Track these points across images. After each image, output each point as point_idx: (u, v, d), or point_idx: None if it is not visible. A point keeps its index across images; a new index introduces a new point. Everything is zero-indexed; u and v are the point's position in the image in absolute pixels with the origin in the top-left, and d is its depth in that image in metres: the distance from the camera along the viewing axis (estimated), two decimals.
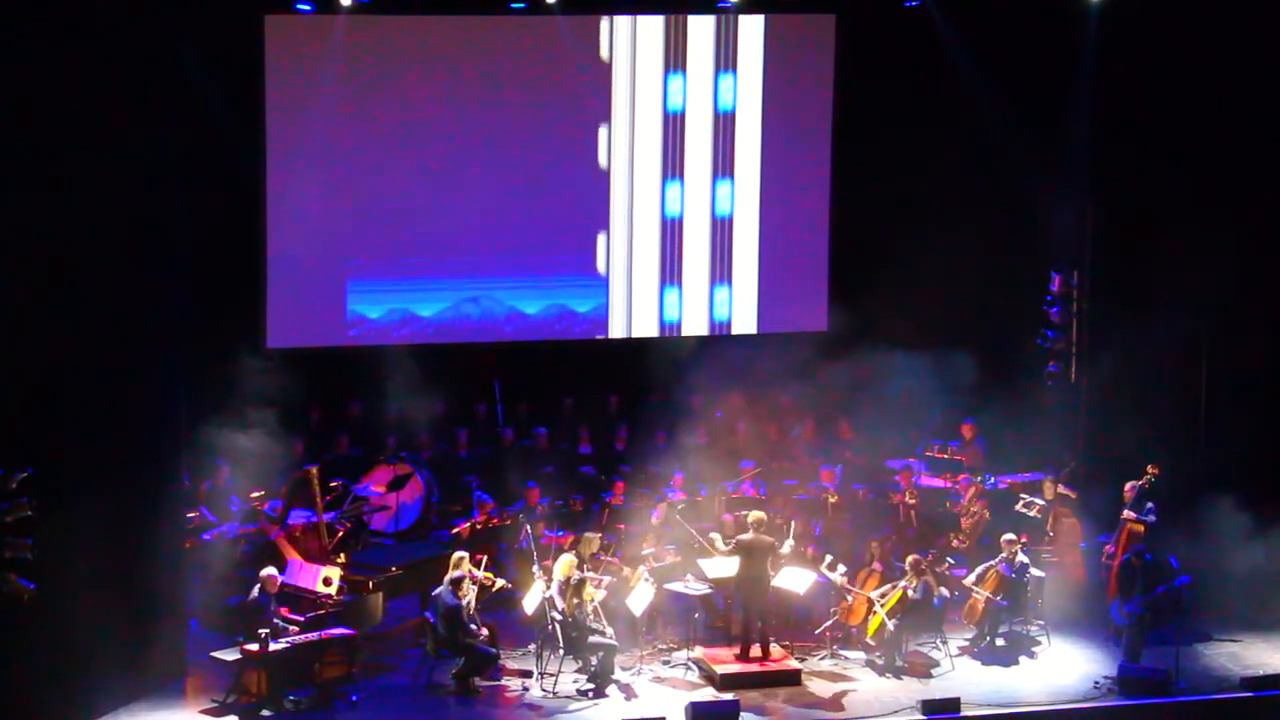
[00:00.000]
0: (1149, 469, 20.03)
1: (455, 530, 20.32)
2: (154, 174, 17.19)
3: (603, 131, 23.26)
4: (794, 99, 23.82)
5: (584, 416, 23.68)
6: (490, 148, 22.92)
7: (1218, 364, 21.81)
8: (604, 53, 23.13)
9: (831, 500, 21.50)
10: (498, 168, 22.97)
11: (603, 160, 23.29)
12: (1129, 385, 21.75)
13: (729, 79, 23.52)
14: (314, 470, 19.43)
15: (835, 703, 17.85)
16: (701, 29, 23.40)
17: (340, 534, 19.65)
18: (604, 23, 23.06)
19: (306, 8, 21.55)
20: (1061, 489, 20.73)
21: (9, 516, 15.40)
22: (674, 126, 23.49)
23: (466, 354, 23.22)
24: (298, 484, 19.80)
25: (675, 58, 23.35)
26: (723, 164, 23.78)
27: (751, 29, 23.48)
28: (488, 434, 23.23)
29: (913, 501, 21.66)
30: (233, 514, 20.35)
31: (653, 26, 23.22)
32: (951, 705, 17.42)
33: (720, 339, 23.90)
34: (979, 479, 21.61)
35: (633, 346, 23.35)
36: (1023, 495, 20.86)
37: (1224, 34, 20.87)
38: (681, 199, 23.70)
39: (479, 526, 20.21)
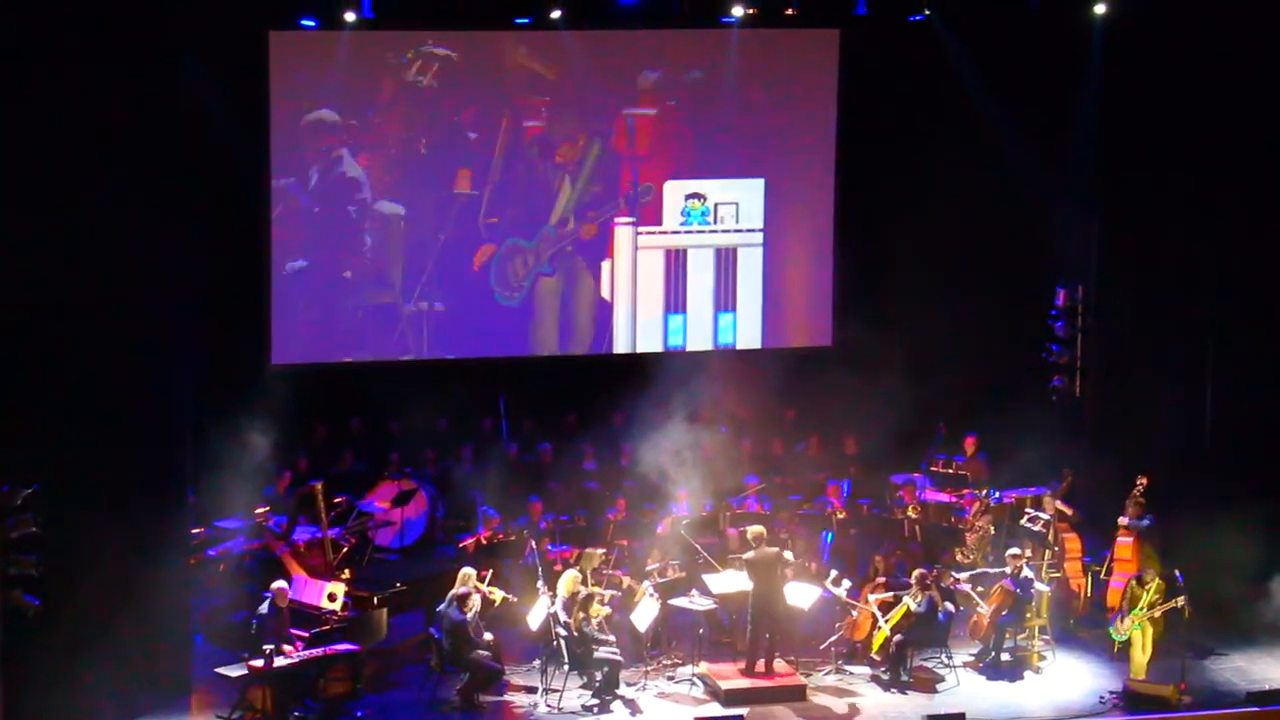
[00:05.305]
0: (1139, 479, 20.09)
1: (461, 545, 20.33)
2: (160, 191, 17.18)
3: None
4: (798, 114, 23.87)
5: (588, 432, 23.68)
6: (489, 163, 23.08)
7: (1223, 378, 21.75)
8: None
9: (839, 516, 21.49)
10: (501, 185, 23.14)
11: None
12: (1134, 400, 21.73)
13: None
14: (318, 486, 19.45)
15: (841, 718, 17.83)
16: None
17: (345, 550, 19.66)
18: None
19: (311, 24, 21.59)
20: (1059, 505, 20.70)
21: (15, 532, 15.41)
22: None
23: (471, 370, 23.24)
24: (302, 499, 19.81)
25: None
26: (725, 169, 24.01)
27: (754, 43, 23.51)
28: (492, 449, 23.22)
29: (916, 516, 21.67)
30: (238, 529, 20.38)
31: None
32: None
33: (725, 354, 23.91)
34: (983, 493, 21.59)
35: (637, 362, 23.35)
36: (1027, 510, 20.84)
37: (1230, 47, 20.83)
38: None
39: (484, 542, 20.21)
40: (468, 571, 18.19)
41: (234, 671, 17.28)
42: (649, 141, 23.57)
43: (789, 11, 22.71)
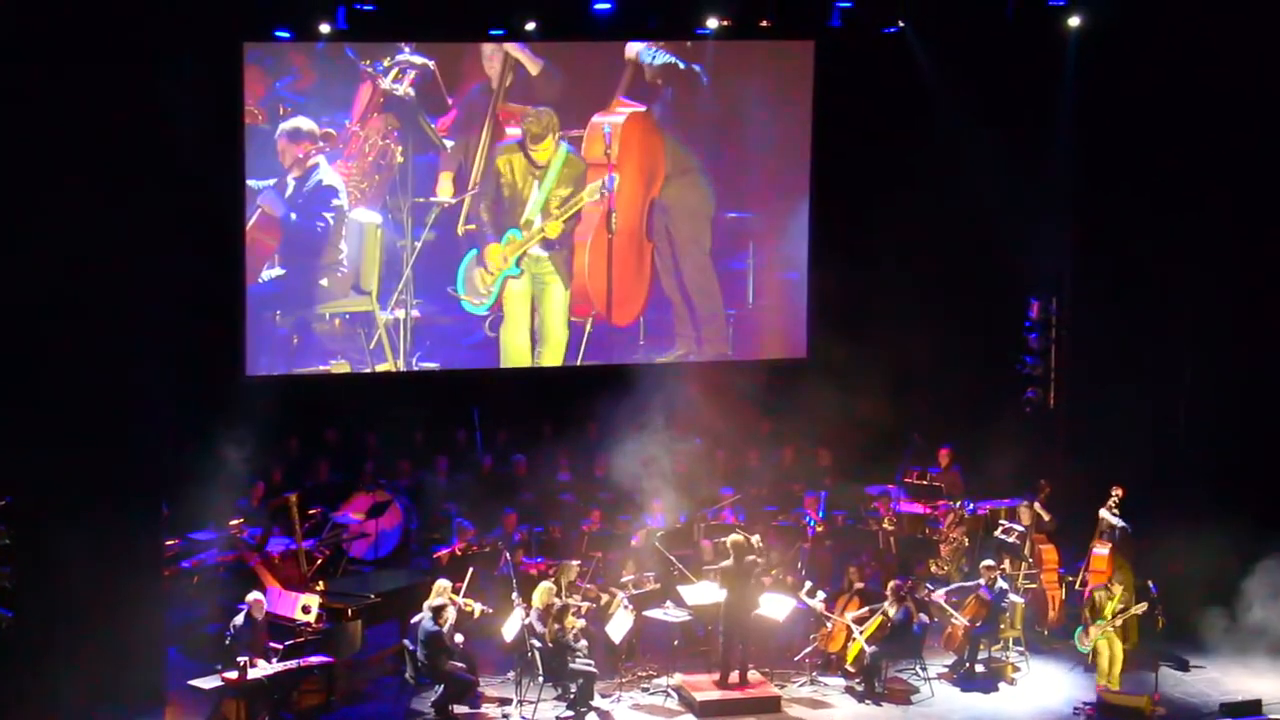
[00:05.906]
0: (1114, 489, 20.16)
1: (435, 557, 20.29)
2: (134, 200, 17.14)
3: None
4: (773, 125, 23.89)
5: (563, 443, 23.65)
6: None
7: (1197, 389, 21.82)
8: None
9: (819, 529, 21.49)
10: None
11: None
12: (1107, 412, 21.78)
13: None
14: (293, 497, 19.41)
15: None
16: None
17: (319, 561, 19.62)
18: None
19: (285, 35, 21.57)
20: (1037, 508, 20.74)
21: None
22: None
23: (446, 381, 23.22)
24: (276, 511, 19.77)
25: None
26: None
27: (729, 55, 23.54)
28: (467, 461, 23.20)
29: (891, 528, 21.69)
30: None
31: None
32: None
33: (699, 365, 23.90)
34: (957, 505, 21.62)
35: (612, 373, 23.34)
36: (1002, 521, 20.88)
37: (1204, 59, 20.89)
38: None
39: (459, 553, 20.18)
40: (443, 583, 18.15)
41: (208, 684, 17.22)
42: (623, 151, 23.57)
43: (763, 23, 22.75)
